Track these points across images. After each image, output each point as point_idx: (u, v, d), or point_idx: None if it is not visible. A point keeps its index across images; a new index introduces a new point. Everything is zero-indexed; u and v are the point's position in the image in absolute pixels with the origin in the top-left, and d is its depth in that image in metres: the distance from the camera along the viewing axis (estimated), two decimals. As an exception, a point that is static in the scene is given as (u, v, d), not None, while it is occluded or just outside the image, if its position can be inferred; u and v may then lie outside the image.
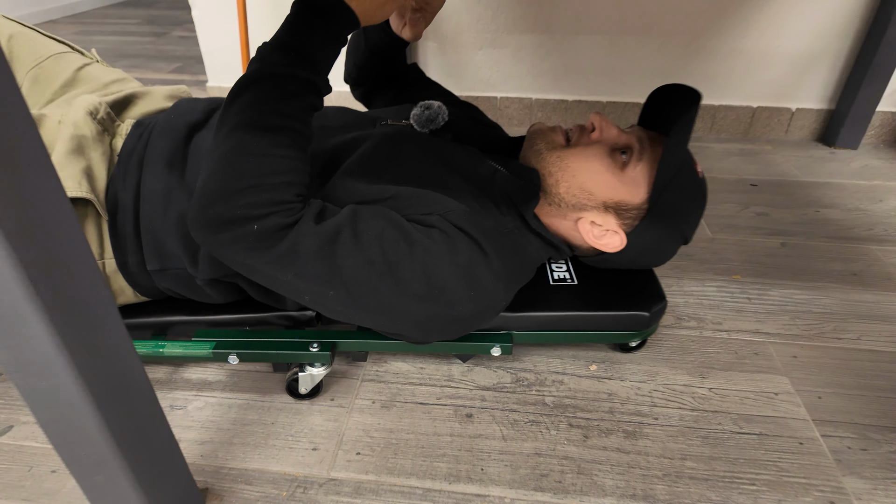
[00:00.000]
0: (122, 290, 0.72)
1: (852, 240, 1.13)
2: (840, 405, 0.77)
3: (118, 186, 0.69)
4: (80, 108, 0.71)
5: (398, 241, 0.60)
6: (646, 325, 0.77)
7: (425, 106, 0.77)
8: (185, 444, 0.71)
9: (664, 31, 1.49)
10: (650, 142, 0.70)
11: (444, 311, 0.62)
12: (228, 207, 0.55)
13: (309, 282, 0.58)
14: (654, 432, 0.73)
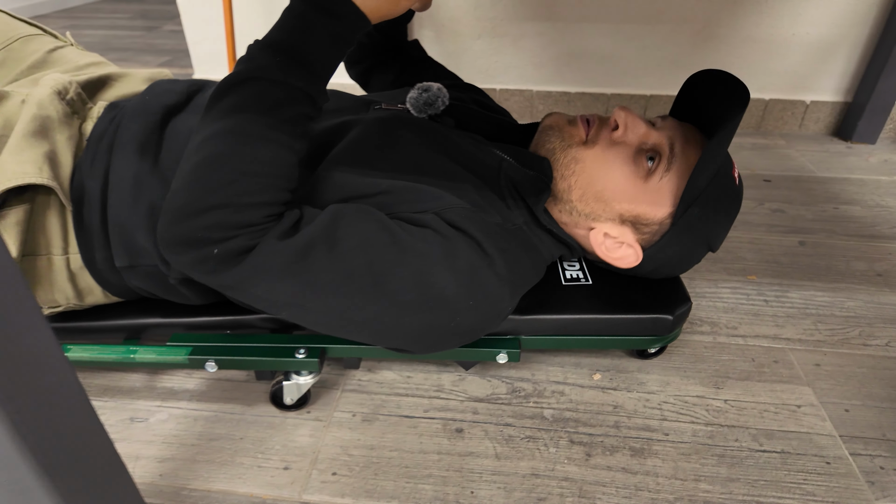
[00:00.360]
0: (90, 289, 0.65)
1: (875, 238, 1.06)
2: (870, 419, 0.69)
3: (85, 173, 0.62)
4: (46, 87, 0.64)
5: (386, 247, 0.52)
6: (669, 330, 0.70)
7: (423, 88, 0.69)
8: (143, 462, 0.64)
9: (673, 17, 1.41)
10: (683, 145, 0.61)
11: (442, 322, 0.55)
12: (190, 227, 0.49)
13: (283, 302, 0.53)
14: (665, 450, 0.66)
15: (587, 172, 0.62)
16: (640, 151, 0.61)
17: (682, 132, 0.62)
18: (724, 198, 0.62)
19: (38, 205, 0.60)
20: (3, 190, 0.55)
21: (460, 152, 0.64)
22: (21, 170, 0.56)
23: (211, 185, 0.49)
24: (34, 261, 0.61)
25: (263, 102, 0.50)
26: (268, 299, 0.53)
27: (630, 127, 0.62)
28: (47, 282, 0.62)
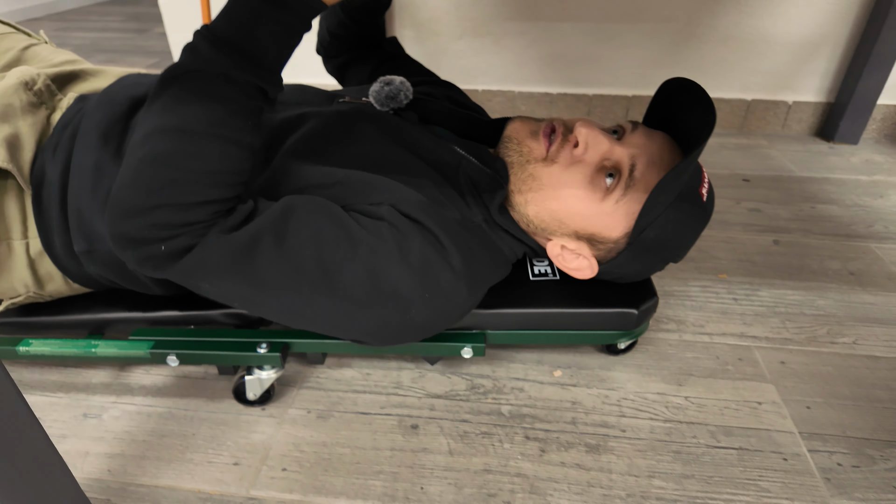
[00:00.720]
0: (50, 275, 0.64)
1: (851, 237, 1.05)
2: (832, 417, 0.68)
3: (46, 159, 0.61)
4: (12, 77, 0.64)
5: (338, 241, 0.52)
6: (634, 325, 0.69)
7: (385, 81, 0.67)
8: (92, 458, 0.63)
9: (654, 16, 1.41)
10: (646, 166, 0.58)
11: (396, 317, 0.54)
12: (136, 226, 0.48)
13: (231, 296, 0.53)
14: (621, 446, 0.65)
15: (543, 191, 0.61)
16: (600, 170, 0.59)
17: (648, 148, 0.59)
18: (686, 218, 0.59)
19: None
20: None
21: (421, 147, 0.63)
22: None
23: (155, 184, 0.47)
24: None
25: (210, 97, 0.48)
26: (218, 293, 0.53)
27: (591, 145, 0.59)
28: (7, 268, 0.62)
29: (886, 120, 1.46)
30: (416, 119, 0.69)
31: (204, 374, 0.75)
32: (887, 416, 0.69)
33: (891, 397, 0.71)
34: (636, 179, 0.58)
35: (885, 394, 0.72)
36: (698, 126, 0.57)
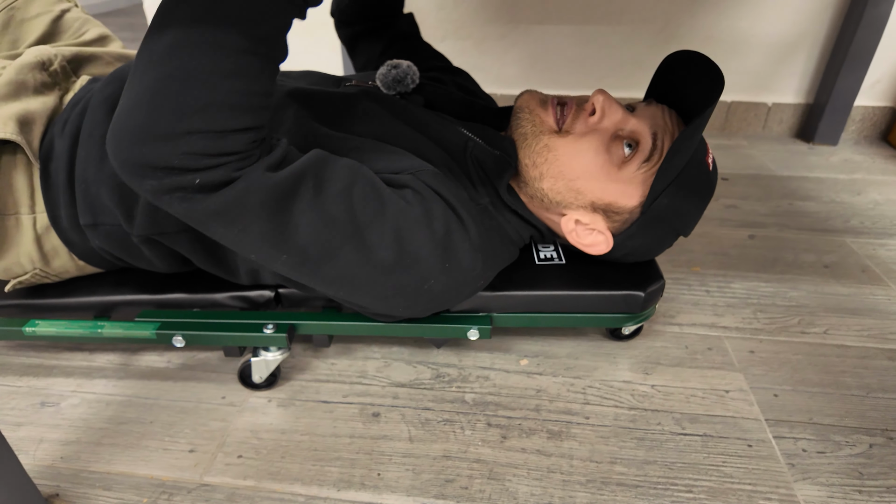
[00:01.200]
0: (55, 251, 0.64)
1: (827, 231, 1.05)
2: (799, 404, 0.68)
3: (56, 133, 0.61)
4: (30, 55, 0.64)
5: (369, 198, 0.50)
6: (641, 307, 0.68)
7: (393, 65, 0.67)
8: (46, 445, 0.62)
9: (634, 17, 1.42)
10: (664, 135, 0.59)
11: (414, 283, 0.53)
12: (164, 151, 0.42)
13: (257, 241, 0.48)
14: (583, 433, 0.64)
15: (560, 161, 0.60)
16: (615, 138, 0.59)
17: (663, 120, 0.60)
18: (695, 186, 0.60)
19: (5, 163, 0.60)
20: None
21: (428, 127, 0.63)
22: None
23: (187, 105, 0.42)
24: (3, 220, 0.60)
25: (249, 8, 0.42)
26: (241, 238, 0.48)
27: (607, 113, 0.59)
28: (15, 243, 0.62)
29: (865, 121, 1.47)
30: (421, 102, 0.69)
31: (167, 363, 0.74)
32: (855, 403, 0.68)
33: (859, 384, 0.70)
34: (658, 150, 0.58)
35: (854, 381, 0.71)
36: (704, 92, 0.57)
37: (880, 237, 1.03)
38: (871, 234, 1.03)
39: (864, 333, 0.79)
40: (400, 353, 0.75)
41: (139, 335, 0.66)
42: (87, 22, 0.80)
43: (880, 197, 1.18)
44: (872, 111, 1.46)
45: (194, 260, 0.63)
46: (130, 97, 0.43)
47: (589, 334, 0.79)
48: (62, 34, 0.77)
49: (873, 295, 0.87)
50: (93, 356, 0.75)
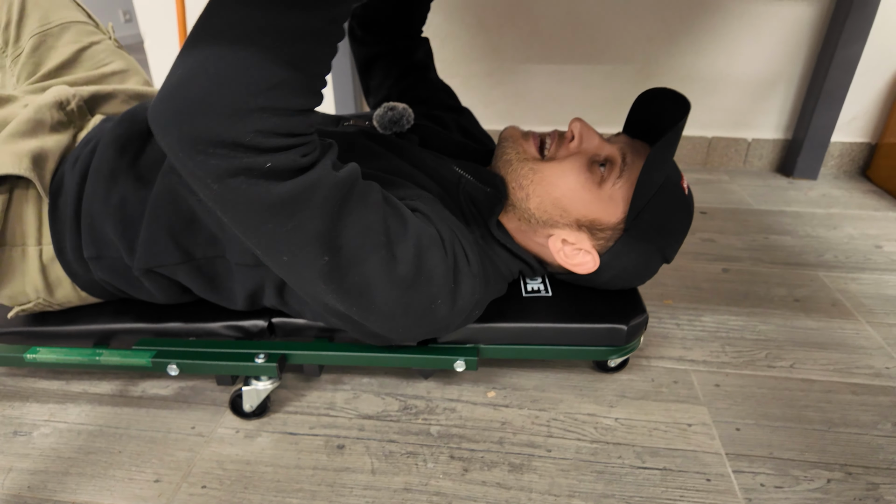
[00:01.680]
0: (59, 281, 0.66)
1: (801, 265, 1.06)
2: (760, 438, 0.68)
3: (67, 169, 0.65)
4: (49, 95, 0.68)
5: (396, 213, 0.53)
6: (624, 340, 0.69)
7: (389, 107, 0.72)
8: (13, 475, 0.64)
9: (613, 57, 1.47)
10: (634, 155, 0.64)
11: (423, 302, 0.55)
12: (235, 127, 0.41)
13: (304, 239, 0.48)
14: (544, 465, 0.65)
15: (545, 181, 0.64)
16: (594, 161, 0.64)
17: (633, 146, 0.65)
18: (673, 206, 0.63)
19: (17, 196, 0.63)
20: None
21: (424, 164, 0.67)
22: (0, 161, 0.60)
23: (261, 79, 0.41)
24: (10, 251, 0.63)
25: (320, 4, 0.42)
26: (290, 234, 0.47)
27: (585, 138, 0.65)
28: (20, 272, 0.64)
29: (844, 156, 1.50)
30: (416, 141, 0.73)
31: (141, 393, 0.75)
32: (816, 437, 0.68)
33: (822, 418, 0.71)
34: (628, 165, 0.63)
35: (817, 415, 0.72)
36: (671, 118, 0.61)
37: (852, 271, 1.04)
38: (843, 269, 1.05)
39: (830, 367, 0.80)
40: (370, 385, 0.77)
41: (135, 363, 0.68)
42: (114, 54, 0.83)
43: (855, 231, 1.20)
44: (850, 147, 1.49)
45: (193, 289, 0.65)
46: (188, 67, 0.41)
47: (556, 366, 0.80)
48: (83, 63, 0.80)
49: (842, 329, 0.88)
50: (69, 385, 0.77)
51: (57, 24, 0.79)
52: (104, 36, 0.85)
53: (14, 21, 0.78)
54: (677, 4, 1.39)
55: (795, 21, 1.37)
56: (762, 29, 1.39)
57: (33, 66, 0.79)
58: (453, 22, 1.48)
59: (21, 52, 0.79)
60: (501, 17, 1.46)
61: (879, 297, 0.96)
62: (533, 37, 1.47)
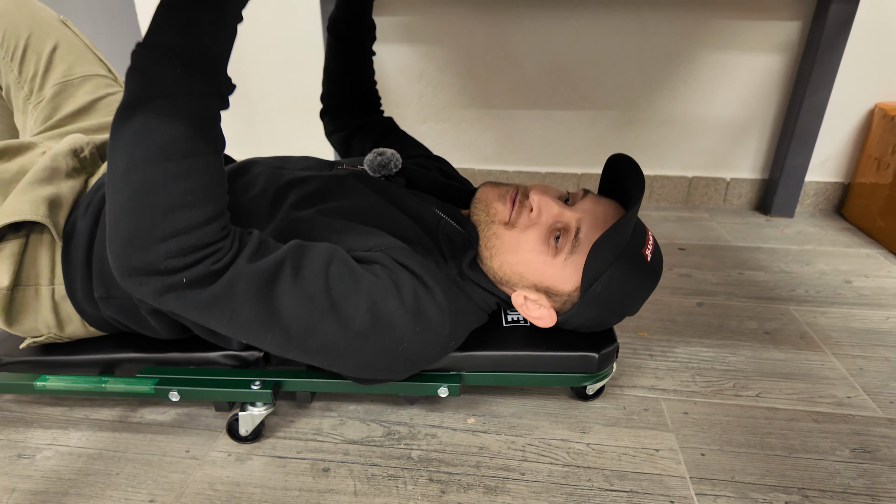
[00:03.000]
0: (69, 318, 0.72)
1: (773, 300, 1.11)
2: (724, 463, 0.72)
3: (79, 215, 0.71)
4: (65, 144, 0.75)
5: (343, 276, 0.59)
6: (596, 368, 0.75)
7: (378, 152, 0.78)
8: (17, 495, 0.67)
9: (596, 104, 1.56)
10: (590, 227, 0.67)
11: (390, 347, 0.60)
12: (149, 258, 0.50)
13: (245, 324, 0.55)
14: (518, 488, 0.68)
15: (505, 249, 0.70)
16: (552, 231, 0.68)
17: (593, 212, 0.68)
18: (630, 277, 0.67)
19: (32, 240, 0.69)
20: (1, 225, 0.65)
21: (406, 206, 0.73)
22: (19, 208, 0.66)
23: (155, 212, 0.49)
24: (23, 290, 0.69)
25: (179, 117, 0.50)
26: (230, 323, 0.55)
27: (543, 210, 0.68)
28: (33, 310, 0.70)
29: (819, 195, 1.57)
30: (403, 184, 0.79)
31: (139, 419, 0.80)
32: (776, 463, 0.72)
33: (783, 445, 0.75)
34: (580, 240, 0.67)
35: (779, 442, 0.75)
36: (635, 189, 0.66)
37: (822, 305, 1.09)
38: (813, 303, 1.10)
39: (795, 397, 0.84)
40: (356, 412, 0.81)
41: (139, 390, 0.73)
42: None
43: (827, 267, 1.25)
44: (825, 186, 1.56)
45: (194, 329, 0.71)
46: (111, 215, 0.51)
47: (533, 394, 0.84)
48: (98, 111, 0.88)
49: (808, 360, 0.92)
50: (71, 411, 0.81)
51: (79, 76, 0.88)
52: (121, 88, 0.93)
53: (41, 72, 0.86)
54: (655, 55, 1.48)
55: (766, 70, 1.46)
56: (735, 77, 1.47)
57: (50, 111, 0.87)
58: (445, 72, 1.58)
59: (42, 100, 0.86)
60: (490, 67, 1.56)
61: (846, 329, 1.01)
62: (520, 85, 1.56)
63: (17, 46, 0.86)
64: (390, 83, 1.61)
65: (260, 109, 1.70)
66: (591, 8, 1.45)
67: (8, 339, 0.78)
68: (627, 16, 1.45)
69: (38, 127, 0.86)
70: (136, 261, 0.51)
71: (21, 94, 0.88)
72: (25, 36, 0.87)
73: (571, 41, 1.49)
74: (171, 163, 0.50)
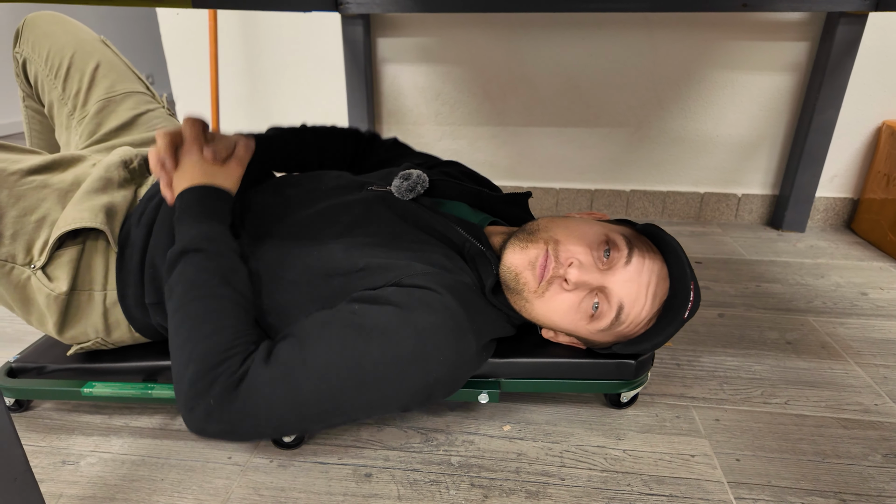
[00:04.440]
0: (117, 323, 0.74)
1: (791, 311, 1.13)
2: (758, 468, 0.73)
3: (132, 223, 0.74)
4: (116, 155, 0.78)
5: (351, 344, 0.59)
6: (633, 375, 0.77)
7: (404, 176, 0.77)
8: (64, 500, 0.68)
9: (609, 121, 1.60)
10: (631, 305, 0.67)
11: (420, 381, 0.61)
12: (187, 393, 0.56)
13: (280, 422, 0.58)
14: (558, 493, 0.69)
15: (536, 313, 0.72)
16: (588, 296, 0.67)
17: (636, 285, 0.66)
18: (665, 335, 0.69)
19: (88, 247, 0.71)
20: (63, 232, 0.67)
21: (434, 229, 0.74)
22: (80, 216, 0.69)
23: (191, 353, 0.57)
24: (78, 295, 0.71)
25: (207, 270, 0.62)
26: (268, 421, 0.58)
27: (581, 285, 0.67)
28: (85, 315, 0.72)
29: (829, 211, 1.60)
30: (431, 205, 0.78)
31: (179, 426, 0.80)
32: (810, 468, 0.73)
33: (815, 450, 0.76)
34: (622, 321, 0.68)
35: (810, 447, 0.77)
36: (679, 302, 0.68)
37: (840, 316, 1.11)
38: (831, 314, 1.12)
39: (822, 404, 0.85)
40: (392, 419, 0.82)
41: None
42: (165, 120, 0.95)
43: (842, 280, 1.27)
44: (834, 202, 1.59)
45: None
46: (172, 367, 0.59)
47: (566, 402, 0.85)
48: (139, 126, 0.92)
49: (831, 369, 0.94)
50: (111, 419, 0.82)
51: (121, 92, 0.91)
52: (159, 105, 0.96)
53: (84, 89, 0.89)
54: (667, 74, 1.52)
55: (775, 89, 1.50)
56: (745, 96, 1.52)
57: (95, 126, 0.89)
58: (462, 91, 1.62)
59: (86, 115, 0.89)
60: (505, 86, 1.59)
61: (866, 340, 1.03)
62: (534, 103, 1.60)
63: (62, 65, 0.90)
64: (408, 102, 1.65)
65: (279, 127, 1.73)
66: (604, 29, 1.49)
67: (53, 347, 0.80)
68: (640, 36, 1.49)
69: (84, 141, 0.88)
70: (182, 397, 0.57)
71: (64, 110, 0.91)
72: (70, 55, 0.90)
73: (585, 61, 1.54)
74: (195, 315, 0.60)
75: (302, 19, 1.59)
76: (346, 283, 0.66)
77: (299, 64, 1.65)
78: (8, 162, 0.70)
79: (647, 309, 0.68)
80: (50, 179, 0.73)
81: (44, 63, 0.90)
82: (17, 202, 0.69)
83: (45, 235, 0.70)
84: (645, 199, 1.66)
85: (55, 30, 0.91)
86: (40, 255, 0.69)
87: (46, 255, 0.69)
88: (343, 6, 1.45)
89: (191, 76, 1.72)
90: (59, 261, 0.69)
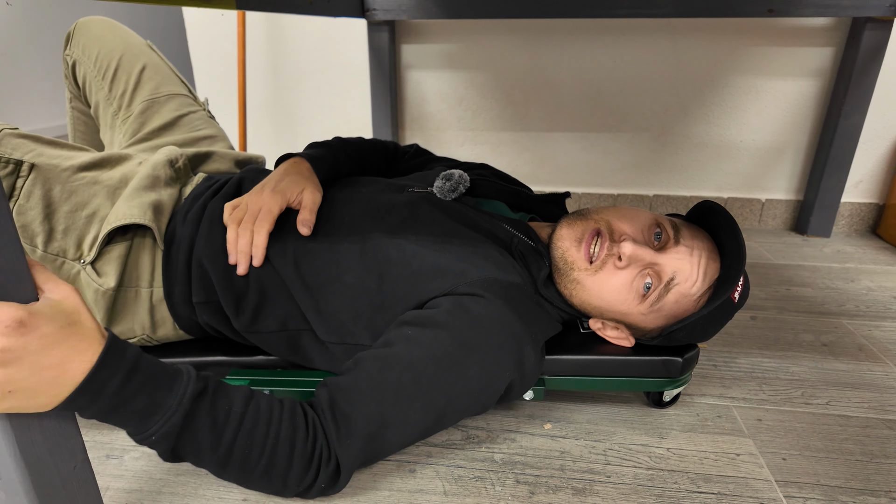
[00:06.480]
0: (163, 320, 0.75)
1: (824, 314, 1.12)
2: (806, 467, 0.73)
3: (178, 222, 0.75)
4: (162, 154, 0.80)
5: (422, 371, 0.61)
6: (679, 372, 0.76)
7: (446, 177, 0.78)
8: (111, 493, 0.68)
9: (632, 126, 1.60)
10: (684, 279, 0.68)
11: (491, 389, 0.64)
12: (298, 493, 0.61)
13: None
14: (605, 490, 0.69)
15: (587, 293, 0.72)
16: (642, 277, 0.68)
17: (688, 261, 0.68)
18: (716, 321, 0.70)
19: (136, 243, 0.72)
20: (113, 227, 0.68)
21: (480, 227, 0.75)
22: (129, 212, 0.70)
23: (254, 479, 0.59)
24: (126, 291, 0.72)
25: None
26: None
27: (634, 261, 0.68)
28: (132, 310, 0.73)
29: (854, 216, 1.59)
30: (473, 203, 0.80)
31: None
32: (859, 468, 0.72)
33: (862, 451, 0.75)
34: (671, 290, 0.68)
35: (857, 447, 0.76)
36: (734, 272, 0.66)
37: (875, 319, 1.10)
38: (865, 317, 1.11)
39: (865, 405, 0.85)
40: (432, 417, 0.82)
41: None
42: (206, 122, 0.97)
43: (872, 284, 1.26)
44: (860, 207, 1.58)
45: (276, 354, 0.74)
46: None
47: (606, 402, 0.85)
48: (181, 127, 0.94)
49: (871, 371, 0.93)
50: (151, 416, 0.82)
51: (164, 94, 0.92)
52: (199, 108, 0.97)
53: (130, 89, 0.90)
54: (690, 80, 1.53)
55: (799, 95, 1.50)
56: (768, 102, 1.52)
57: (138, 126, 0.91)
58: (485, 97, 1.63)
59: (131, 115, 0.91)
60: (527, 92, 1.61)
61: (903, 342, 1.02)
62: (557, 108, 1.61)
63: (110, 66, 0.91)
64: (431, 108, 1.66)
65: (302, 131, 1.74)
66: (628, 35, 1.50)
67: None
68: (663, 42, 1.50)
69: (127, 140, 0.90)
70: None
71: (110, 109, 0.92)
72: (118, 57, 0.91)
73: (608, 67, 1.55)
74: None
75: (327, 26, 1.62)
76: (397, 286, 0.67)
77: (324, 70, 1.66)
78: (61, 158, 0.71)
79: (699, 284, 0.68)
80: (100, 176, 0.74)
81: (93, 65, 0.92)
82: (69, 197, 0.70)
83: (96, 231, 0.71)
84: (668, 203, 1.66)
85: (105, 34, 0.92)
86: (90, 250, 0.70)
87: (96, 250, 0.70)
88: (369, 13, 1.47)
89: (214, 81, 1.74)
90: (107, 256, 0.70)
